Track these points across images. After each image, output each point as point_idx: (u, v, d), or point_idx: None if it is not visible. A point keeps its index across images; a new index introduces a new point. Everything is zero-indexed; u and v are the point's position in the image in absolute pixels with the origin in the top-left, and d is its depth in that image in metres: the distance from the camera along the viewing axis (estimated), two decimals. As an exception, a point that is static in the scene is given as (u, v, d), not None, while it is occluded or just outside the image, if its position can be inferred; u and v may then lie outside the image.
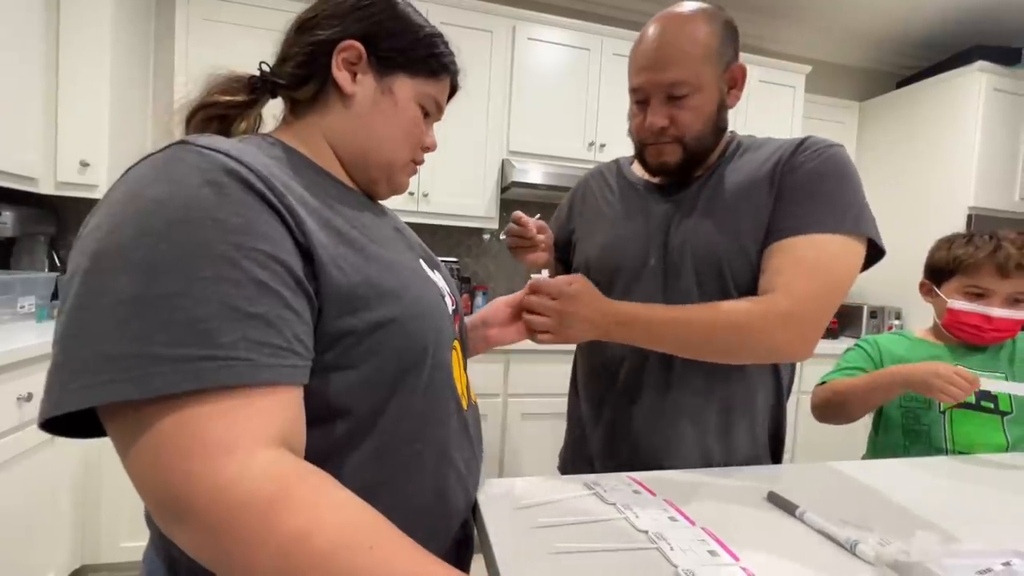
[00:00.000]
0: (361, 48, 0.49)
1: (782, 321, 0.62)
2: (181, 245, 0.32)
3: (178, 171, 0.35)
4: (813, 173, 0.65)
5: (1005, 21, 2.41)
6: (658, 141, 0.70)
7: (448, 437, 0.49)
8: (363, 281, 0.41)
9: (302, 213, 0.38)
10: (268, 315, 0.34)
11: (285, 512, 0.31)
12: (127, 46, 1.77)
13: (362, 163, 0.52)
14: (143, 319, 0.31)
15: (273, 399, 0.34)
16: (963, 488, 0.70)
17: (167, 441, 0.31)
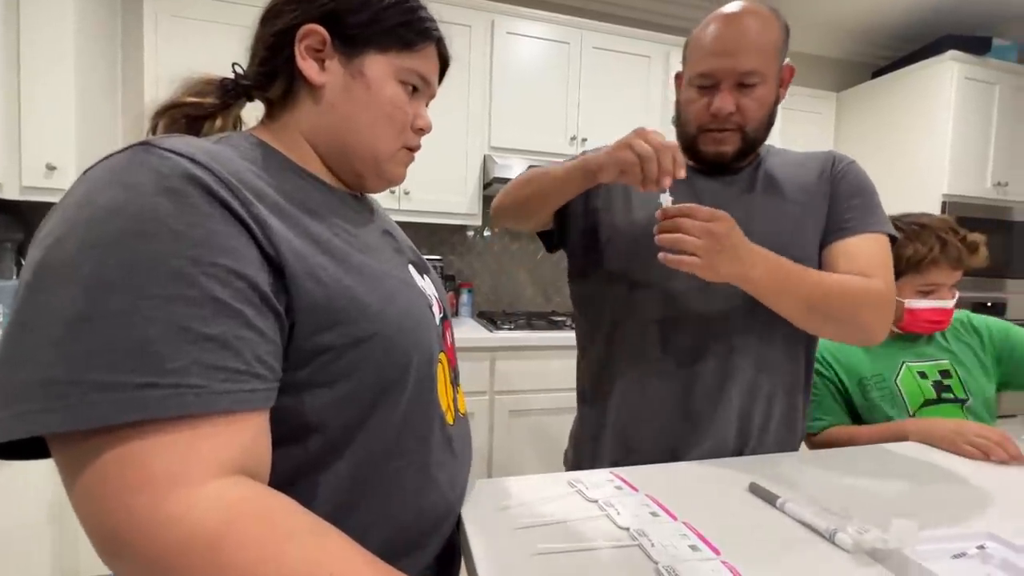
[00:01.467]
0: (323, 31, 0.44)
1: (882, 303, 0.67)
2: (131, 259, 0.30)
3: (135, 176, 0.32)
4: (856, 182, 0.75)
5: (974, 10, 2.46)
6: (721, 128, 0.71)
7: (429, 453, 0.47)
8: (343, 293, 0.39)
9: (273, 222, 0.36)
10: (225, 336, 0.31)
11: (232, 547, 0.29)
12: (93, 44, 1.71)
13: (344, 158, 0.48)
14: (84, 341, 0.28)
15: (228, 426, 0.32)
16: (939, 474, 0.72)
17: (108, 474, 0.28)
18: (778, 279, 0.63)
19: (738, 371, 0.73)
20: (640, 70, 2.15)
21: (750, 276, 0.62)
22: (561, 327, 1.95)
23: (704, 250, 0.59)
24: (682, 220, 0.60)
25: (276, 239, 0.36)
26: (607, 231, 0.80)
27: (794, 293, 0.64)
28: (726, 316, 0.73)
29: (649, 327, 0.75)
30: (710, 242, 0.59)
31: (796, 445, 0.81)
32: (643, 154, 0.59)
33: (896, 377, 0.98)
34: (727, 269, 0.61)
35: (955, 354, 0.99)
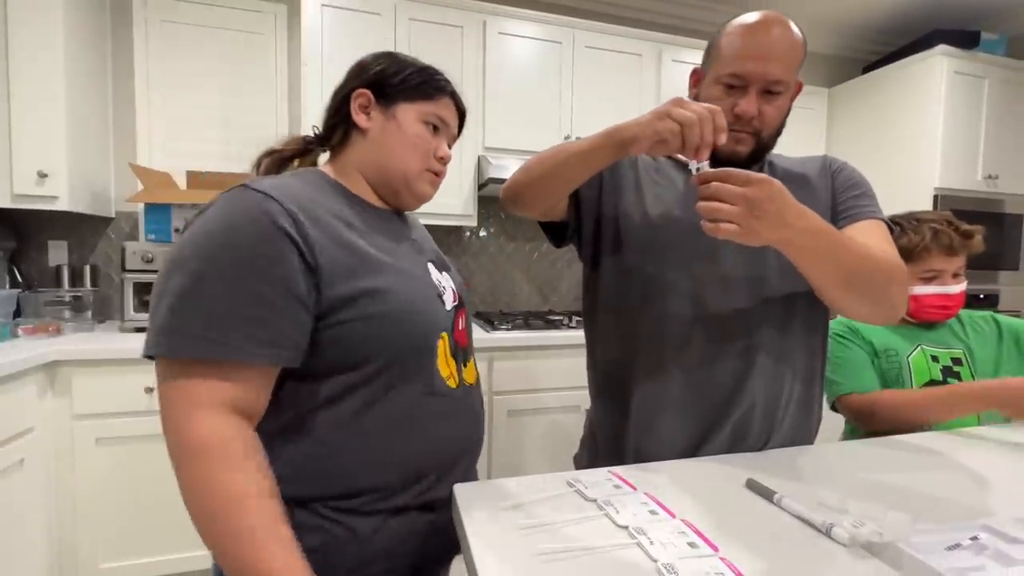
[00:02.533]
0: (369, 93, 0.65)
1: (905, 280, 0.69)
2: (220, 264, 0.49)
3: (232, 208, 0.52)
4: (852, 175, 0.80)
5: (962, 5, 2.48)
6: (741, 129, 0.72)
7: (422, 406, 0.60)
8: (361, 284, 0.55)
9: (316, 236, 0.53)
10: (264, 317, 0.50)
11: (204, 463, 0.47)
12: (82, 49, 1.70)
13: (383, 179, 0.66)
14: (183, 307, 0.48)
15: (241, 374, 0.50)
16: (934, 465, 0.72)
17: (167, 390, 0.49)
18: (821, 246, 0.61)
19: (757, 362, 0.74)
20: (632, 68, 2.16)
21: (793, 241, 0.60)
22: (558, 326, 1.95)
23: (742, 217, 0.56)
24: (719, 187, 0.57)
25: (316, 250, 0.53)
26: (620, 223, 0.79)
27: (835, 261, 0.62)
28: (745, 308, 0.74)
29: (667, 320, 0.75)
30: (748, 208, 0.56)
31: (812, 430, 0.82)
32: (685, 121, 0.58)
33: (909, 354, 1.00)
34: (769, 234, 0.58)
35: (971, 346, 1.02)
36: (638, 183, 0.80)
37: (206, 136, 1.95)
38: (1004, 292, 2.40)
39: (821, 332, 0.81)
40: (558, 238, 0.85)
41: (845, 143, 2.60)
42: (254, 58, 1.98)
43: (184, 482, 0.48)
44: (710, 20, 2.55)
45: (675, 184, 0.80)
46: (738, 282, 0.74)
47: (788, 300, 0.75)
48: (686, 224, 0.75)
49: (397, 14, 1.87)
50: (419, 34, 1.90)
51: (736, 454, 0.74)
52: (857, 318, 0.72)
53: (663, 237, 0.76)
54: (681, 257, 0.75)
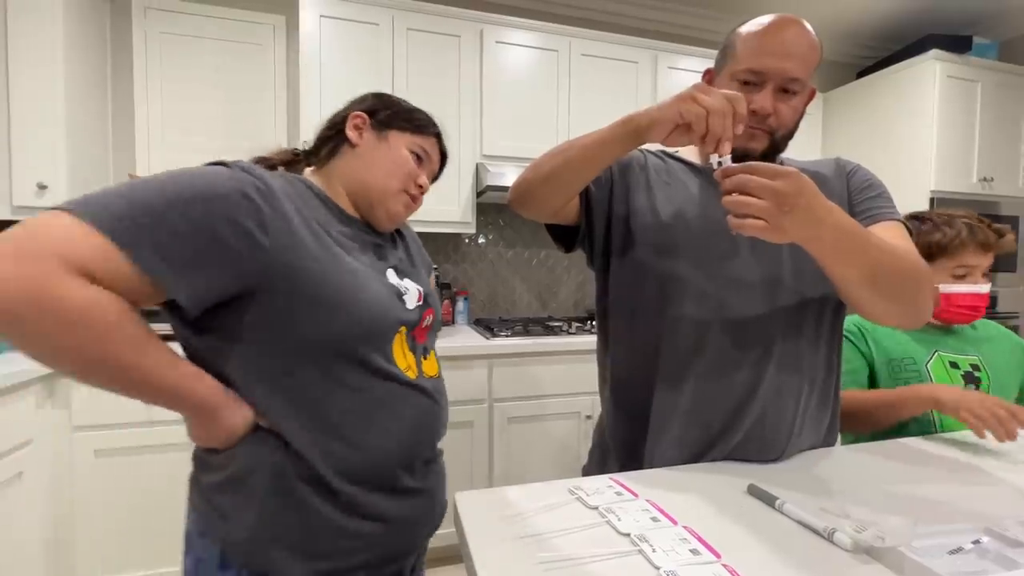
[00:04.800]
0: (365, 115, 0.71)
1: (931, 282, 0.67)
2: (180, 189, 0.53)
3: (212, 167, 0.57)
4: (867, 177, 0.79)
5: (955, 11, 2.51)
6: (755, 126, 0.71)
7: (373, 392, 0.63)
8: (312, 269, 0.58)
9: (281, 212, 0.57)
10: (180, 238, 0.52)
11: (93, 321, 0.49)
12: (82, 60, 1.71)
13: (362, 191, 0.70)
14: (133, 202, 0.51)
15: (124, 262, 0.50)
16: (936, 468, 0.72)
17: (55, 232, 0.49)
18: (850, 244, 0.58)
19: (771, 366, 0.73)
20: (629, 75, 2.17)
21: (822, 238, 0.57)
22: (558, 332, 1.96)
23: (770, 212, 0.53)
24: (746, 179, 0.54)
25: (275, 224, 0.56)
26: (631, 225, 0.78)
27: (863, 260, 0.59)
28: (759, 310, 0.73)
29: (680, 323, 0.74)
30: (776, 203, 0.53)
31: (828, 421, 0.80)
32: (712, 107, 0.56)
33: (928, 362, 0.98)
34: (797, 231, 0.55)
35: (987, 352, 0.99)
36: (648, 185, 0.80)
37: (205, 146, 1.96)
38: (1001, 294, 2.41)
39: (837, 341, 0.80)
40: (567, 243, 0.84)
41: (841, 147, 2.61)
42: (253, 69, 2.00)
43: (71, 338, 0.48)
44: (706, 27, 2.58)
45: (686, 186, 0.79)
46: (752, 284, 0.74)
47: (802, 303, 0.74)
48: (698, 226, 0.75)
49: (395, 24, 1.88)
50: (417, 44, 1.92)
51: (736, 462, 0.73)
52: (882, 320, 0.68)
53: (675, 239, 0.75)
54: (694, 259, 0.74)
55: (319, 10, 1.80)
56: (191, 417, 0.58)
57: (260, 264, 0.55)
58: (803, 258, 0.69)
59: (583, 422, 1.83)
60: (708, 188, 0.78)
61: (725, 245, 0.74)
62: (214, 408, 0.57)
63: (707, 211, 0.76)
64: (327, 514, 0.60)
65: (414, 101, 0.77)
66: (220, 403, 0.57)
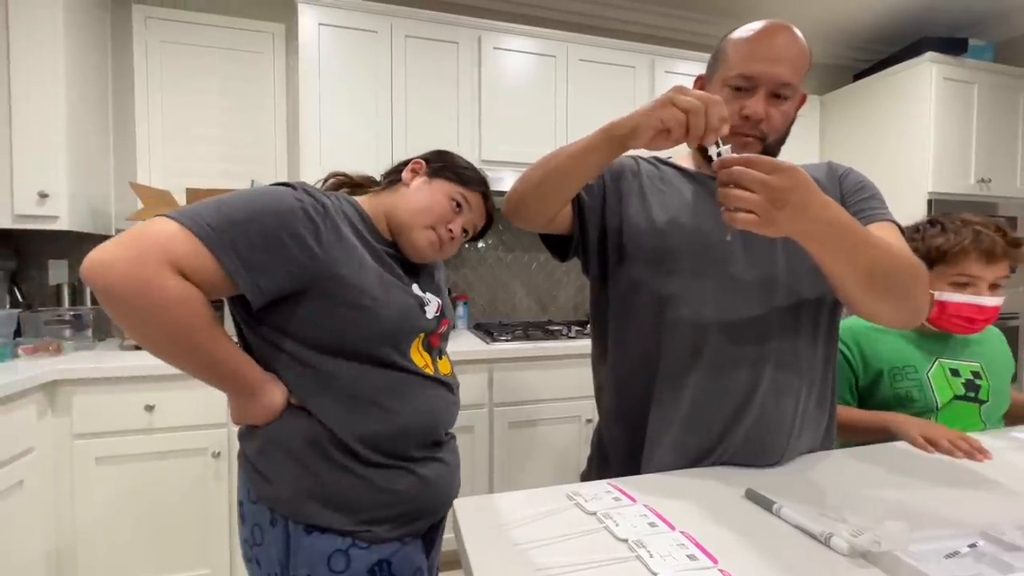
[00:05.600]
0: (424, 163, 0.81)
1: (927, 281, 0.67)
2: (259, 212, 0.64)
3: (275, 187, 0.69)
4: (859, 179, 0.80)
5: (949, 13, 2.52)
6: (747, 132, 0.71)
7: (398, 385, 0.72)
8: (357, 278, 0.68)
9: (332, 227, 0.68)
10: (255, 247, 0.63)
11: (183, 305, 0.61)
12: (83, 70, 1.72)
13: (393, 220, 0.78)
14: (221, 217, 0.62)
15: (215, 264, 0.61)
16: (933, 472, 0.73)
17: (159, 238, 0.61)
18: (844, 240, 0.58)
19: (769, 368, 0.73)
20: (626, 80, 2.19)
21: (815, 235, 0.57)
22: (558, 336, 1.96)
23: (762, 206, 0.53)
24: (741, 171, 0.54)
25: (327, 237, 0.67)
26: (626, 232, 0.79)
27: (859, 257, 0.59)
28: (758, 312, 0.73)
29: (678, 329, 0.74)
30: (769, 196, 0.52)
31: (826, 422, 0.81)
32: (690, 108, 0.57)
33: (929, 370, 0.96)
34: (789, 226, 0.55)
35: (987, 355, 0.98)
36: (642, 191, 0.80)
37: (206, 154, 1.97)
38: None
39: (834, 340, 0.80)
40: (562, 252, 0.84)
41: (838, 150, 2.62)
42: (253, 77, 2.01)
43: (165, 319, 0.59)
44: (702, 31, 2.59)
45: (680, 192, 0.80)
46: (748, 285, 0.74)
47: (798, 303, 0.75)
48: (693, 231, 0.75)
49: (393, 32, 1.90)
50: (415, 51, 1.93)
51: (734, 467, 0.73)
52: (877, 319, 0.68)
53: (670, 245, 0.76)
54: (689, 264, 0.75)
55: (318, 18, 1.82)
56: (240, 396, 0.68)
57: (313, 271, 0.65)
58: (798, 258, 0.69)
59: (583, 426, 1.83)
60: (702, 194, 0.78)
61: (720, 249, 0.74)
62: (260, 388, 0.67)
63: (701, 217, 0.76)
64: (360, 472, 0.69)
65: (413, 107, 0.81)
66: (264, 385, 0.68)
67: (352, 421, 0.69)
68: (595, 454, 0.90)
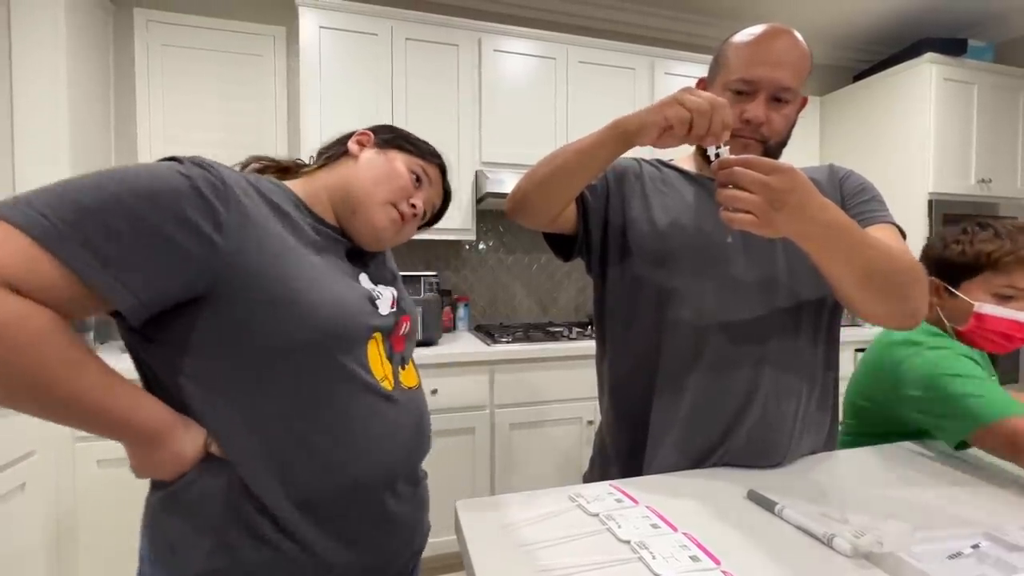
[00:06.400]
0: (371, 134, 0.70)
1: (926, 282, 0.67)
2: (124, 189, 0.47)
3: (160, 163, 0.52)
4: (859, 182, 0.79)
5: (948, 14, 2.52)
6: (749, 135, 0.72)
7: (348, 407, 0.57)
8: (268, 272, 0.52)
9: (240, 208, 0.53)
10: (121, 239, 0.46)
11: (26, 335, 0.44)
12: (85, 71, 1.72)
13: (344, 195, 0.65)
14: (65, 200, 0.45)
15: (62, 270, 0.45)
16: (935, 472, 0.72)
17: None
18: (841, 241, 0.58)
19: (769, 369, 0.73)
20: (626, 82, 2.19)
21: (812, 235, 0.57)
22: (558, 338, 1.96)
23: (760, 206, 0.54)
24: (741, 172, 0.54)
25: (232, 221, 0.51)
26: (628, 232, 0.79)
27: (856, 257, 0.59)
28: (759, 313, 0.73)
29: (678, 329, 0.74)
30: (767, 197, 0.53)
31: (828, 424, 0.80)
32: (696, 108, 0.58)
33: None
34: (786, 227, 0.56)
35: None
36: (644, 193, 0.81)
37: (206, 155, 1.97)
38: (1002, 295, 2.40)
39: (834, 341, 0.80)
40: (565, 252, 0.84)
41: (838, 151, 2.62)
42: (253, 79, 2.01)
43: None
44: (701, 33, 2.60)
45: (682, 194, 0.80)
46: (748, 287, 0.74)
47: (798, 304, 0.75)
48: (694, 233, 0.76)
49: (394, 34, 1.90)
50: (415, 53, 1.93)
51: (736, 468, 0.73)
52: (874, 319, 0.67)
53: (672, 246, 0.76)
54: (690, 266, 0.75)
55: (319, 21, 1.82)
56: (132, 446, 0.52)
57: (213, 266, 0.49)
58: (798, 259, 0.70)
59: (585, 427, 1.83)
60: (704, 196, 0.79)
61: (721, 251, 0.75)
62: (157, 435, 0.51)
63: (702, 218, 0.76)
64: (292, 550, 0.54)
65: (413, 109, 0.79)
66: (165, 430, 0.51)
67: (286, 474, 0.53)
68: (597, 455, 0.90)
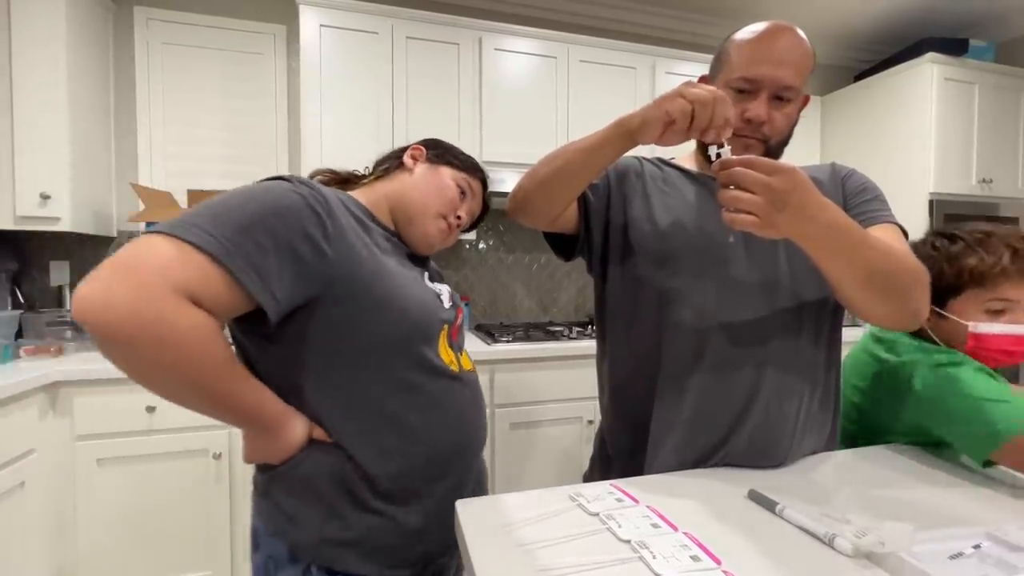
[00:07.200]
0: (424, 149, 0.79)
1: (928, 283, 0.66)
2: (259, 209, 0.57)
3: (273, 183, 0.61)
4: (861, 181, 0.79)
5: (949, 13, 2.52)
6: (750, 135, 0.71)
7: (428, 385, 0.67)
8: (365, 274, 0.62)
9: (338, 222, 0.61)
10: (266, 249, 0.55)
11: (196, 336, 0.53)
12: (85, 72, 1.72)
13: (403, 206, 0.74)
14: (220, 218, 0.54)
15: (228, 279, 0.53)
16: (936, 472, 0.72)
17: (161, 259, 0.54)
18: (842, 241, 0.58)
19: (770, 370, 0.72)
20: (627, 81, 2.19)
21: (813, 236, 0.57)
22: (559, 337, 1.96)
23: (761, 208, 0.53)
24: (743, 172, 0.54)
25: (335, 232, 0.60)
26: (629, 232, 0.79)
27: (857, 258, 0.59)
28: (760, 314, 0.73)
29: (679, 330, 0.74)
30: (769, 198, 0.53)
31: (829, 425, 0.80)
32: (697, 98, 0.57)
33: None
34: (788, 228, 0.55)
35: None
36: (645, 192, 0.80)
37: (207, 155, 1.97)
38: (1003, 295, 2.40)
39: (836, 342, 0.79)
40: (566, 252, 0.84)
41: (839, 150, 2.62)
42: (254, 78, 2.01)
43: (181, 360, 0.51)
44: (703, 32, 2.59)
45: (683, 194, 0.79)
46: (750, 288, 0.74)
47: (800, 305, 0.74)
48: (696, 233, 0.75)
49: (395, 33, 1.90)
50: (416, 52, 1.93)
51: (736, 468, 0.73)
52: (875, 321, 0.67)
53: (673, 246, 0.76)
54: (692, 266, 0.75)
55: (319, 19, 1.82)
56: (256, 433, 0.61)
57: (324, 273, 0.59)
58: (800, 259, 0.69)
59: (585, 427, 1.83)
60: (705, 195, 0.78)
61: (722, 251, 0.74)
62: (281, 423, 0.60)
63: (704, 218, 0.76)
64: (390, 514, 0.65)
65: (414, 108, 0.81)
66: (282, 420, 0.61)
67: (382, 450, 0.63)
68: (597, 455, 0.90)
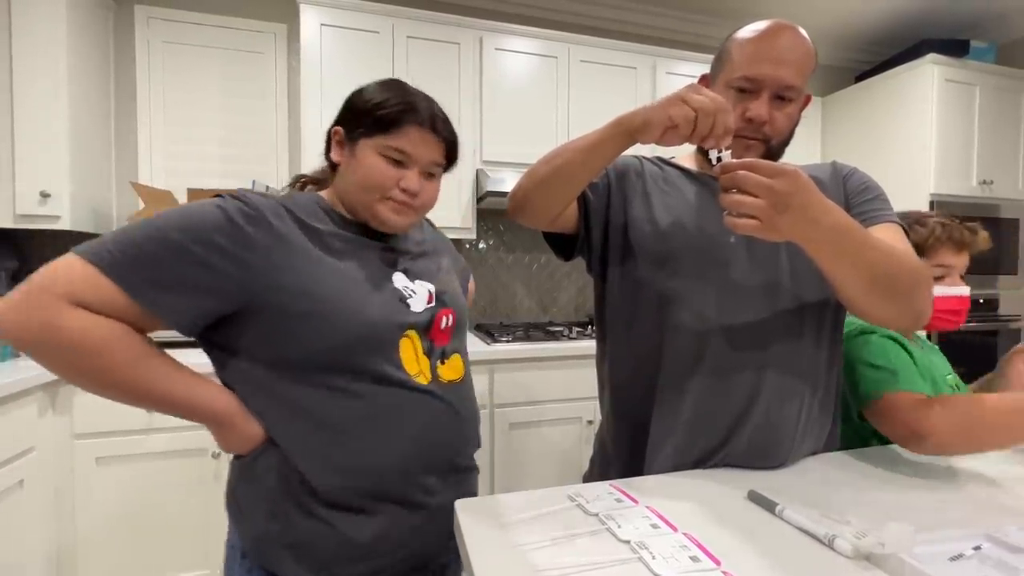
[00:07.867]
0: (341, 130, 0.70)
1: (930, 283, 0.66)
2: (172, 225, 0.59)
3: (198, 202, 0.62)
4: (863, 180, 0.79)
5: (950, 15, 2.52)
6: (751, 135, 0.71)
7: (376, 404, 0.64)
8: (300, 284, 0.61)
9: (272, 232, 0.61)
10: (163, 266, 0.57)
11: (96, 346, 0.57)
12: (85, 70, 1.72)
13: (349, 205, 0.70)
14: (123, 241, 0.57)
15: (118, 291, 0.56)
16: (937, 473, 0.72)
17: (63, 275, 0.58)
18: (845, 243, 0.57)
19: (771, 372, 0.72)
20: (627, 81, 2.19)
21: (815, 239, 0.56)
22: (559, 338, 1.95)
23: (763, 211, 0.53)
24: (744, 176, 0.53)
25: (262, 244, 0.60)
26: (629, 232, 0.78)
27: (860, 260, 0.59)
28: (759, 316, 0.73)
29: (680, 332, 0.74)
30: (771, 201, 0.52)
31: (829, 426, 0.80)
32: (701, 107, 0.57)
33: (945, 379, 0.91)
34: (791, 231, 0.55)
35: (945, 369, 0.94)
36: (646, 191, 0.80)
37: (207, 154, 1.97)
38: (1003, 297, 2.40)
39: (838, 343, 0.79)
40: (566, 252, 0.84)
41: (840, 152, 2.62)
42: (254, 77, 2.01)
43: (77, 359, 0.56)
44: (703, 32, 2.59)
45: (683, 194, 0.79)
46: (751, 289, 0.73)
47: (801, 306, 0.74)
48: (696, 233, 0.75)
49: (395, 32, 1.90)
50: (417, 52, 1.93)
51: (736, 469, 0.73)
52: (880, 322, 0.67)
53: (673, 247, 0.75)
54: (692, 266, 0.74)
55: (320, 19, 1.82)
56: (209, 427, 0.63)
57: (247, 283, 0.59)
58: (801, 261, 0.69)
59: (585, 427, 1.82)
60: (706, 195, 0.78)
61: (723, 251, 0.74)
62: (228, 417, 0.62)
63: (705, 218, 0.76)
64: (331, 523, 0.62)
65: None
66: (229, 412, 0.62)
67: (323, 457, 0.62)
68: (597, 455, 0.89)
